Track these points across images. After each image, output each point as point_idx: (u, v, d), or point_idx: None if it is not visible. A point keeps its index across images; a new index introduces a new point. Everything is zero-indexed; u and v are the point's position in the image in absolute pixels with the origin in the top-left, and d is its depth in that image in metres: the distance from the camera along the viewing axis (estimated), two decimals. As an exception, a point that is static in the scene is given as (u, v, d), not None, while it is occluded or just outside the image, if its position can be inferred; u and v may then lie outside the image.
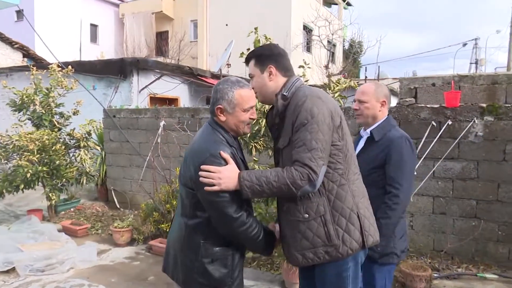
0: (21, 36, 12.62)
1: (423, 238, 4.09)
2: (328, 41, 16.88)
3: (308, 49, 19.10)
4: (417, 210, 4.12)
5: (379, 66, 14.04)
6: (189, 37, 19.47)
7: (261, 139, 3.63)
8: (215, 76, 8.57)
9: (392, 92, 15.71)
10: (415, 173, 3.91)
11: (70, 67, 5.80)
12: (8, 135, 5.21)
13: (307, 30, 18.78)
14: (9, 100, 5.39)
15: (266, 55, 1.85)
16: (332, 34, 15.40)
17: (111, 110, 6.42)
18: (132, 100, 6.84)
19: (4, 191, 5.03)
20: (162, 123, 5.70)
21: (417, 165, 3.95)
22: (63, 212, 5.95)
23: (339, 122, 1.72)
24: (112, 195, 6.47)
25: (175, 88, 7.66)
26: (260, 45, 4.34)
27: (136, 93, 6.84)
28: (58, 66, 5.69)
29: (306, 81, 4.25)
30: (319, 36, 15.43)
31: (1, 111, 8.10)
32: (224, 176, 1.60)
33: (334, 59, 20.40)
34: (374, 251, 2.06)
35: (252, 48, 3.53)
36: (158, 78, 6.93)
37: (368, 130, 2.29)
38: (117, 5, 21.26)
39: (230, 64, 10.37)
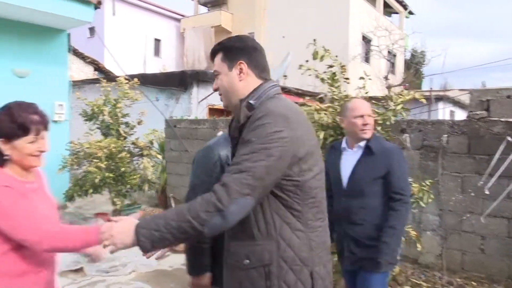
0: (93, 51, 13.67)
1: (496, 264, 3.76)
2: (388, 52, 16.40)
3: (367, 59, 18.67)
4: (490, 233, 3.80)
5: (444, 77, 13.33)
6: (246, 49, 19.90)
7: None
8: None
9: (459, 104, 14.77)
10: (487, 192, 3.64)
11: (136, 79, 6.17)
12: (80, 142, 5.62)
13: (366, 40, 18.39)
14: (82, 111, 5.82)
15: (237, 48, 1.47)
16: (393, 44, 14.96)
17: (172, 121, 6.70)
18: (191, 111, 7.09)
19: (75, 195, 5.40)
20: (219, 133, 5.81)
21: (490, 183, 3.66)
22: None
23: (303, 153, 1.33)
24: (171, 202, 6.70)
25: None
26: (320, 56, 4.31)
27: (196, 104, 7.09)
28: (125, 78, 6.07)
29: (366, 93, 4.14)
30: (378, 47, 15.05)
31: (74, 121, 8.76)
32: (115, 232, 1.31)
33: (394, 70, 19.74)
34: (380, 260, 2.15)
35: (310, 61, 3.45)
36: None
37: (361, 144, 2.36)
38: (178, 20, 22.33)
39: (286, 76, 10.42)
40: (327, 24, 17.09)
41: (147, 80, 7.32)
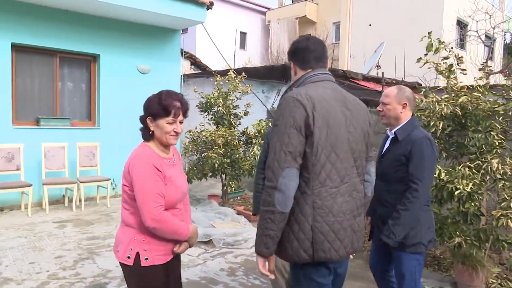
0: (186, 46, 14.70)
1: None
2: (487, 36, 15.18)
3: (462, 45, 17.45)
4: None
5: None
6: (331, 39, 19.76)
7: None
8: (366, 78, 8.67)
9: None
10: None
11: (243, 73, 6.70)
12: (197, 131, 6.31)
13: (462, 25, 17.18)
14: (198, 103, 6.50)
15: (289, 53, 1.90)
16: (493, 28, 13.83)
17: (274, 111, 7.14)
18: (291, 102, 7.43)
19: (194, 178, 6.10)
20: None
21: None
22: (231, 200, 6.88)
23: (312, 129, 1.61)
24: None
25: (327, 91, 8.00)
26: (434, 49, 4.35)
27: (295, 95, 7.41)
28: (233, 73, 6.62)
29: (461, 82, 4.11)
30: (477, 32, 14.02)
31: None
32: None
33: (493, 56, 18.18)
34: (404, 240, 2.33)
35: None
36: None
37: (393, 131, 2.50)
38: (263, 13, 22.85)
39: (379, 66, 10.33)
40: (418, 10, 16.29)
41: (249, 73, 7.82)
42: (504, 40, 20.09)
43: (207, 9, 7.21)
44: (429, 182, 2.36)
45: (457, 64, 4.25)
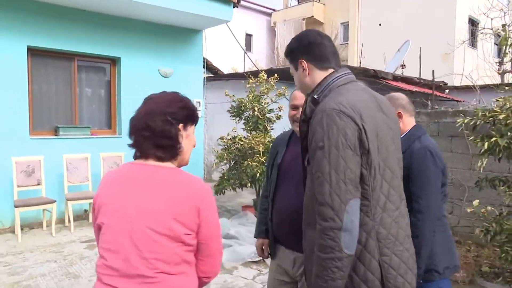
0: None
1: None
2: (499, 35, 14.89)
3: (473, 43, 17.13)
4: None
5: None
6: (339, 40, 19.39)
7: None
8: (395, 78, 8.24)
9: None
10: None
11: (276, 75, 6.25)
12: (230, 138, 5.84)
13: (473, 23, 16.87)
14: (230, 107, 6.04)
15: (295, 49, 1.56)
16: (508, 26, 13.54)
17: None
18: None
19: (229, 188, 5.63)
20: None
21: None
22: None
23: (367, 145, 1.32)
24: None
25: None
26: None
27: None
28: (263, 74, 6.18)
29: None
30: (492, 29, 13.71)
31: (218, 116, 9.23)
32: None
33: (506, 55, 17.86)
34: (418, 269, 1.93)
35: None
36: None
37: None
38: (269, 14, 22.46)
39: (404, 65, 9.92)
40: (428, 9, 15.98)
41: (274, 75, 7.41)
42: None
43: (234, 7, 6.77)
44: (435, 199, 2.01)
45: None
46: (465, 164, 4.65)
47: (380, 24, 17.78)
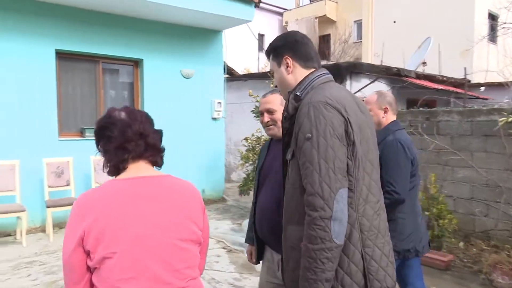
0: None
1: None
2: (518, 29, 14.61)
3: (492, 39, 16.88)
4: None
5: None
6: (352, 38, 19.29)
7: None
8: (418, 76, 8.17)
9: None
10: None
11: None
12: (255, 138, 5.86)
13: (493, 18, 16.61)
14: (254, 108, 6.05)
15: (280, 46, 1.59)
16: (527, 20, 13.30)
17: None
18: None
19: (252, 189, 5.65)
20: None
21: None
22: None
23: (352, 136, 1.36)
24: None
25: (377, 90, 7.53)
26: None
27: (348, 96, 6.94)
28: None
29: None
30: None
31: (237, 116, 9.27)
32: None
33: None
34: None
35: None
36: (373, 81, 6.93)
37: None
38: (281, 14, 22.44)
39: (426, 63, 9.82)
40: (446, 2, 15.77)
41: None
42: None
43: (255, 7, 6.78)
44: (404, 185, 2.25)
45: None
46: (501, 165, 4.49)
47: (394, 21, 17.63)
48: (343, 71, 6.85)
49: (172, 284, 1.20)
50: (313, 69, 1.55)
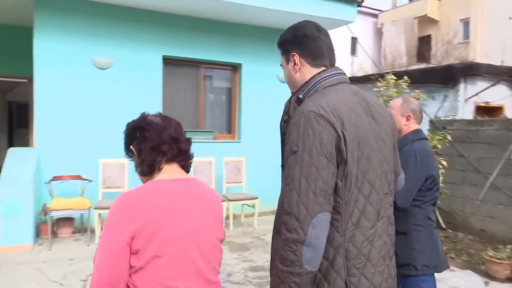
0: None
1: None
2: None
3: None
4: None
5: None
6: (458, 38, 17.61)
7: None
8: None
9: None
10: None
11: (406, 77, 5.72)
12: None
13: None
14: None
15: (288, 40, 1.43)
16: None
17: (440, 121, 5.99)
18: (457, 110, 6.26)
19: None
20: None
21: None
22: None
23: (345, 155, 1.20)
24: (436, 213, 6.02)
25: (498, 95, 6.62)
26: None
27: (463, 102, 6.21)
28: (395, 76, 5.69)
29: None
30: None
31: None
32: None
33: None
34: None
35: None
36: (494, 84, 6.10)
37: None
38: (375, 16, 21.46)
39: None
40: None
41: (401, 78, 6.85)
42: None
43: (358, 6, 6.41)
44: (404, 198, 2.09)
45: None
46: None
47: (510, 18, 15.70)
48: (456, 73, 6.13)
49: (211, 281, 1.27)
50: (323, 68, 1.39)
